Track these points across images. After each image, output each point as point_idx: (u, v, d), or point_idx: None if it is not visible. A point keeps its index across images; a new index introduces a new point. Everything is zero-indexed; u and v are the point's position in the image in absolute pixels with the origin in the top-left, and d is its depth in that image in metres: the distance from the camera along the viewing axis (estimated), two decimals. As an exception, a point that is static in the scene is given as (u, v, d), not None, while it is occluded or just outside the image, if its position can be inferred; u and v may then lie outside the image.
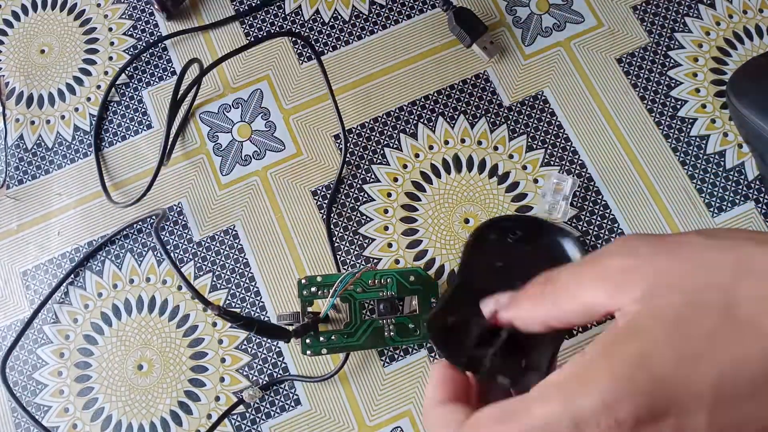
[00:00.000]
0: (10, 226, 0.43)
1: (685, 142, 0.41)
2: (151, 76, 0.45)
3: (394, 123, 0.43)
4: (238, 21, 0.45)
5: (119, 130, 0.44)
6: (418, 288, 0.38)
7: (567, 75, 0.43)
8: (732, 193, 0.40)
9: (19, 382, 0.40)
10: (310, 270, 0.40)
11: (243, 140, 0.43)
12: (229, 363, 0.39)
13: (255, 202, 0.42)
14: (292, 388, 0.39)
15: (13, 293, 0.41)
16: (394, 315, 0.37)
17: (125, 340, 0.40)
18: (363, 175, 0.42)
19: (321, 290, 0.37)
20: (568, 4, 0.45)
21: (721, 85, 0.42)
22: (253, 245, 0.41)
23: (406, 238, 0.41)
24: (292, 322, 0.36)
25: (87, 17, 0.46)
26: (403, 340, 0.37)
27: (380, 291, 0.37)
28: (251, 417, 0.38)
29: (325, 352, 0.37)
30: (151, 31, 0.46)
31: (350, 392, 0.38)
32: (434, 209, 0.41)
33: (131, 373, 0.40)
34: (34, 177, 0.44)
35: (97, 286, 0.41)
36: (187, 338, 0.40)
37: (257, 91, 0.44)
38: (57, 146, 0.44)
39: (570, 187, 0.40)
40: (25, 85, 0.45)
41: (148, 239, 0.42)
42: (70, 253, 0.42)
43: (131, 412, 0.39)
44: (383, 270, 0.38)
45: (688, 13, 0.44)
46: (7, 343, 0.40)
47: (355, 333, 0.37)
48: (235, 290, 0.40)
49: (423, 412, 0.25)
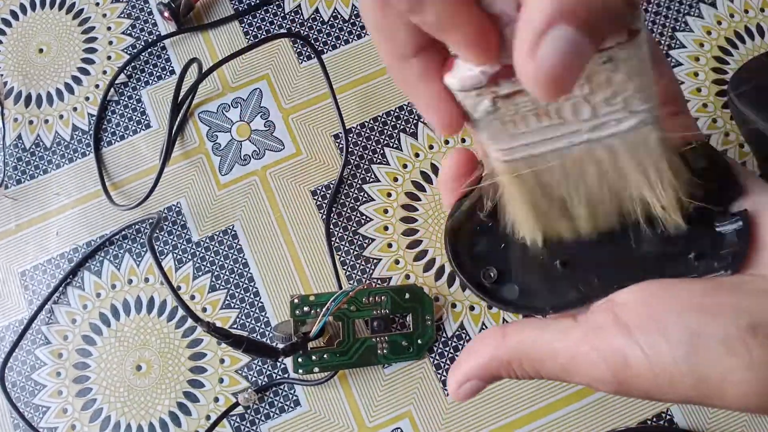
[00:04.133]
0: (9, 226, 0.43)
1: (686, 142, 0.41)
2: (150, 76, 0.45)
3: (394, 123, 0.43)
4: (237, 20, 0.45)
5: (118, 130, 0.44)
6: (413, 305, 0.38)
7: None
8: (733, 193, 0.40)
9: (17, 382, 0.40)
10: (309, 270, 0.40)
11: (242, 140, 0.43)
12: (228, 364, 0.39)
13: (254, 202, 0.42)
14: (291, 389, 0.39)
15: (11, 293, 0.41)
16: (387, 333, 0.37)
17: (124, 340, 0.40)
18: (363, 175, 0.42)
19: (314, 309, 0.37)
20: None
21: (723, 85, 0.42)
22: (252, 245, 0.41)
23: (406, 238, 0.40)
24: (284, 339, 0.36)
25: (85, 16, 0.46)
26: (396, 357, 0.37)
27: (374, 309, 0.37)
28: (250, 418, 0.38)
29: (317, 370, 0.37)
30: (150, 31, 0.46)
31: (350, 393, 0.38)
32: (434, 209, 0.41)
33: (130, 373, 0.39)
34: (33, 177, 0.43)
35: (96, 286, 0.41)
36: (185, 339, 0.40)
37: (256, 91, 0.44)
38: (55, 146, 0.44)
39: None
40: (23, 84, 0.45)
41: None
42: (68, 254, 0.42)
43: (130, 413, 0.39)
44: (377, 288, 0.38)
45: (689, 12, 0.44)
46: (5, 344, 0.40)
47: (347, 351, 0.37)
48: (234, 290, 0.40)
49: None
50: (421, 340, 0.38)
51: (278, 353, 0.34)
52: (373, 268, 0.40)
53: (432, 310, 0.38)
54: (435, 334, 0.38)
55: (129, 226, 0.41)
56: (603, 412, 0.37)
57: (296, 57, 0.44)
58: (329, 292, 0.38)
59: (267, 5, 0.45)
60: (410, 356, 0.38)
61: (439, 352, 0.38)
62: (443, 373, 0.38)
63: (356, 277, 0.40)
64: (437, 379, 0.38)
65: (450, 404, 0.38)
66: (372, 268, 0.40)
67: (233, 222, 0.42)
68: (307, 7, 0.45)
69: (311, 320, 0.37)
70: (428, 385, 0.38)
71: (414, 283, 0.39)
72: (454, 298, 0.39)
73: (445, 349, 0.38)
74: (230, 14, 0.45)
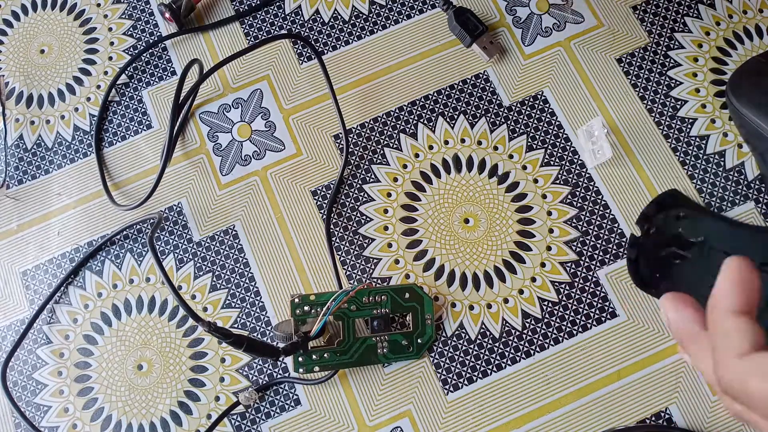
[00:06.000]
0: (10, 226, 0.43)
1: (685, 142, 0.41)
2: (151, 76, 0.45)
3: (394, 123, 0.43)
4: (238, 21, 0.45)
5: (119, 130, 0.44)
6: (413, 305, 0.38)
7: (566, 75, 0.43)
8: (732, 193, 0.40)
9: (19, 382, 0.40)
10: (310, 269, 0.40)
11: (243, 140, 0.43)
12: (229, 363, 0.39)
13: (255, 202, 0.42)
14: (292, 388, 0.39)
15: (12, 293, 0.41)
16: (387, 332, 0.37)
17: (125, 340, 0.40)
18: (363, 175, 0.42)
19: (314, 309, 0.37)
20: (568, 4, 0.45)
21: (721, 85, 0.42)
22: (253, 245, 0.41)
23: (406, 238, 0.41)
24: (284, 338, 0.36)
25: (87, 17, 0.46)
26: (396, 357, 0.38)
27: (374, 308, 0.38)
28: (251, 417, 0.38)
29: (317, 369, 0.37)
30: (151, 31, 0.46)
31: (350, 392, 0.38)
32: (434, 209, 0.41)
33: (131, 373, 0.40)
34: (34, 177, 0.44)
35: (97, 286, 0.41)
36: (186, 338, 0.40)
37: (257, 91, 0.44)
38: (57, 146, 0.44)
39: (599, 125, 0.40)
40: (24, 85, 0.45)
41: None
42: (70, 253, 0.42)
43: (131, 412, 0.39)
44: (377, 287, 0.38)
45: (688, 13, 0.44)
46: (7, 343, 0.40)
47: (348, 350, 0.37)
48: (235, 290, 0.40)
49: (711, 312, 0.22)
50: (421, 339, 0.38)
51: (279, 352, 0.35)
52: (373, 268, 0.40)
53: (432, 310, 0.38)
54: (435, 333, 0.38)
55: (130, 226, 0.41)
56: (602, 411, 0.37)
57: (297, 58, 0.45)
58: (329, 292, 0.38)
59: (268, 6, 0.46)
60: (410, 355, 0.38)
61: (439, 352, 0.39)
62: (443, 372, 0.38)
63: (356, 276, 0.40)
64: (437, 378, 0.38)
65: (450, 403, 0.38)
66: (372, 267, 0.40)
67: (234, 222, 0.42)
68: (308, 8, 0.46)
69: (312, 320, 0.37)
70: (428, 384, 0.38)
71: (414, 282, 0.40)
72: (454, 297, 0.39)
73: (445, 349, 0.39)
74: (231, 15, 0.45)
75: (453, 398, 0.38)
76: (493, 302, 0.39)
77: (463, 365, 0.38)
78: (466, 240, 0.40)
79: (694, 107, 0.42)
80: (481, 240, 0.40)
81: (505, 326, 0.39)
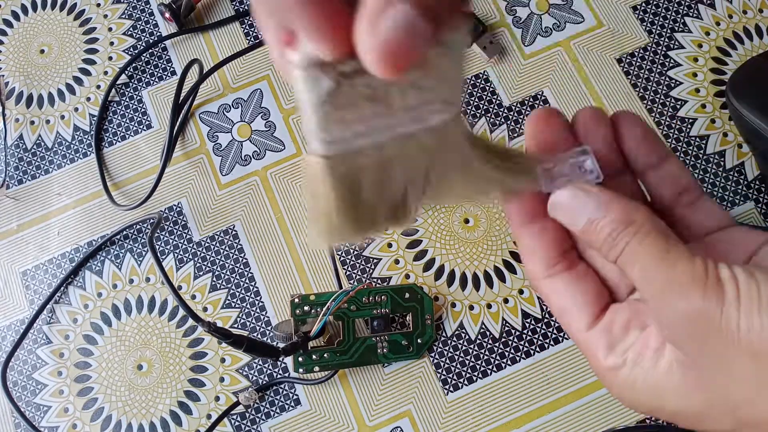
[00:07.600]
0: (10, 226, 0.43)
1: (685, 142, 0.41)
2: (151, 76, 0.45)
3: (394, 123, 0.43)
4: (238, 21, 0.45)
5: (119, 130, 0.44)
6: (413, 305, 0.38)
7: (566, 75, 0.43)
8: (732, 193, 0.40)
9: (18, 382, 0.40)
10: (310, 269, 0.40)
11: (243, 140, 0.43)
12: (229, 363, 0.39)
13: (255, 202, 0.42)
14: (292, 388, 0.39)
15: (12, 293, 0.41)
16: (387, 332, 0.37)
17: (125, 340, 0.40)
18: (363, 175, 0.42)
19: (314, 309, 0.37)
20: (567, 4, 0.45)
21: (721, 85, 0.42)
22: (253, 245, 0.41)
23: (406, 239, 0.41)
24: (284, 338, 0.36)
25: (87, 17, 0.46)
26: (395, 357, 0.38)
27: (374, 308, 0.38)
28: (251, 417, 0.38)
29: (317, 369, 0.37)
30: (151, 31, 0.46)
31: (350, 392, 0.38)
32: (434, 209, 0.41)
33: (131, 373, 0.40)
34: (34, 177, 0.44)
35: (97, 286, 0.41)
36: (186, 338, 0.40)
37: (257, 91, 0.44)
38: (57, 146, 0.44)
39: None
40: (24, 85, 0.45)
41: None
42: (69, 253, 0.42)
43: (131, 412, 0.39)
44: (377, 287, 0.38)
45: (687, 13, 0.44)
46: (7, 343, 0.40)
47: (348, 350, 0.37)
48: (235, 290, 0.40)
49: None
50: (421, 339, 0.38)
51: (279, 352, 0.35)
52: (373, 268, 0.40)
53: (432, 310, 0.38)
54: (435, 333, 0.38)
55: (130, 226, 0.41)
56: (602, 411, 0.37)
57: (297, 58, 0.45)
58: (329, 292, 0.38)
59: (267, 6, 0.46)
60: (410, 355, 0.38)
61: (439, 352, 0.39)
62: (443, 372, 0.38)
63: (356, 276, 0.40)
64: (437, 378, 0.38)
65: (450, 403, 0.38)
66: (372, 268, 0.40)
67: (234, 222, 0.42)
68: (308, 8, 0.45)
69: (311, 320, 0.37)
70: (428, 384, 0.38)
71: (414, 282, 0.40)
72: (454, 297, 0.39)
73: (445, 349, 0.39)
74: (231, 15, 0.45)
75: (453, 398, 0.38)
76: (493, 302, 0.39)
77: (463, 365, 0.38)
78: (466, 240, 0.40)
79: (694, 107, 0.42)
80: (481, 240, 0.40)
81: (505, 326, 0.39)
